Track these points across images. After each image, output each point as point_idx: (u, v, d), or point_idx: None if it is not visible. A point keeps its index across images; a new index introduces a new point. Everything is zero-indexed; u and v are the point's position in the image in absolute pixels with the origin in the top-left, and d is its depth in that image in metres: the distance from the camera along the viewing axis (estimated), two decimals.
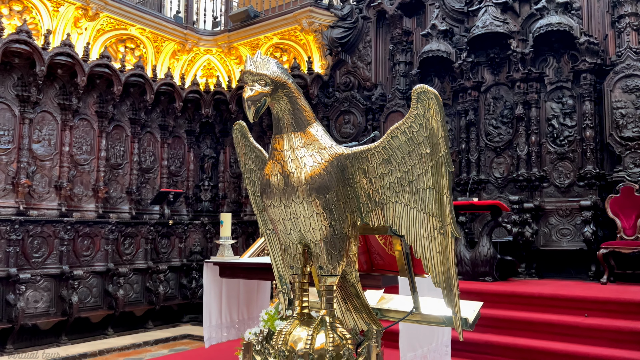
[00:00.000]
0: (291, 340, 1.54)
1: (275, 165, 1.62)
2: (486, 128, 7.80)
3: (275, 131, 1.68)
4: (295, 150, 1.60)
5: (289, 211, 1.61)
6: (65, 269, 7.50)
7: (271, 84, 1.60)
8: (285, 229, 1.66)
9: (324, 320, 1.57)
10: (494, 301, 5.75)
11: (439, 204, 1.58)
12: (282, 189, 1.59)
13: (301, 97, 1.71)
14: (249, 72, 1.59)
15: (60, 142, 8.33)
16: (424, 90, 1.55)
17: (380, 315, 1.96)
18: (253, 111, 1.59)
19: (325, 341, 1.51)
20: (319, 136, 1.66)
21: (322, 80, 9.70)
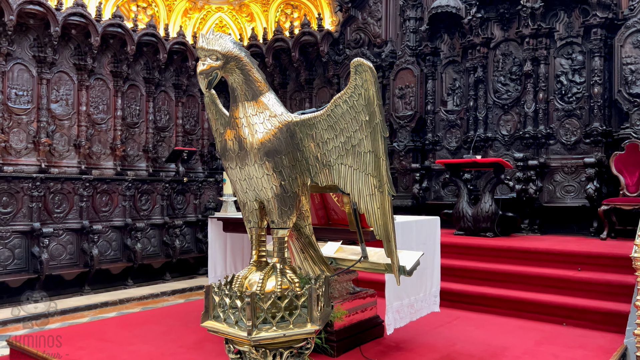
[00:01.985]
0: (247, 283, 1.76)
1: (232, 131, 1.80)
2: (494, 85, 7.77)
3: (232, 100, 1.85)
4: (248, 117, 1.78)
5: (244, 172, 1.80)
6: (86, 224, 7.90)
7: (222, 59, 1.76)
8: (242, 188, 1.85)
9: (275, 266, 1.78)
10: (491, 255, 5.96)
11: (377, 165, 1.76)
12: (237, 153, 1.78)
13: (254, 69, 1.86)
14: (201, 47, 1.76)
15: (77, 102, 8.59)
16: (360, 63, 1.70)
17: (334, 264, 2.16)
18: (205, 83, 1.76)
19: (275, 284, 1.73)
20: (270, 105, 1.82)
21: (332, 37, 9.68)
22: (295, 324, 1.64)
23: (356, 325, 4.05)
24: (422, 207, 8.36)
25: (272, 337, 1.59)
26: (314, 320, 1.63)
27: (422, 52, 8.52)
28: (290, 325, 1.63)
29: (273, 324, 1.61)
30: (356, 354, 3.88)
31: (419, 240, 4.01)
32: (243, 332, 1.58)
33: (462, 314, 5.23)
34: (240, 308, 1.63)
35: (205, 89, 1.77)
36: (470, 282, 5.67)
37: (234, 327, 1.63)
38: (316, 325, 1.64)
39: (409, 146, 8.55)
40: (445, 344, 4.25)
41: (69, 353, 3.89)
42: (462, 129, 8.19)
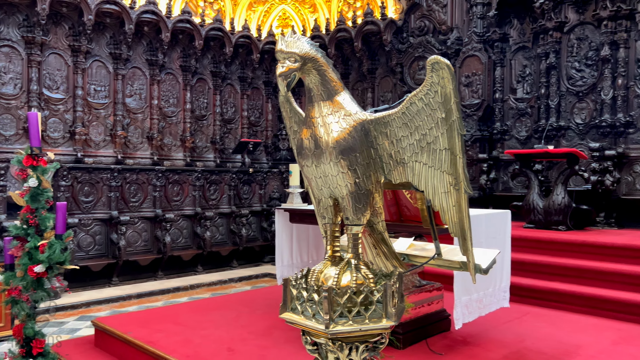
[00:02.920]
0: (323, 278, 1.81)
1: (308, 130, 1.86)
2: (568, 71, 7.40)
3: (308, 100, 1.90)
4: (324, 117, 1.82)
5: (319, 170, 1.85)
6: (159, 213, 8.31)
7: (300, 60, 1.82)
8: (317, 185, 1.90)
9: (350, 262, 1.82)
10: (564, 250, 5.73)
11: (453, 163, 1.75)
12: (313, 151, 1.83)
13: (329, 69, 1.91)
14: (280, 50, 1.82)
15: (149, 96, 9.01)
16: (437, 61, 1.69)
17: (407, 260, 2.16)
18: (285, 85, 1.82)
19: (350, 279, 1.76)
20: (345, 104, 1.86)
21: (395, 25, 9.56)
22: (371, 319, 1.67)
23: (422, 319, 4.04)
24: (490, 198, 8.14)
25: (348, 331, 1.63)
26: (389, 316, 1.66)
27: (489, 38, 8.25)
28: (366, 320, 1.66)
29: (349, 318, 1.65)
30: (422, 347, 3.87)
31: (489, 235, 3.92)
32: (320, 325, 1.64)
33: (532, 309, 5.08)
34: (317, 302, 1.69)
35: (284, 91, 1.84)
36: (541, 277, 5.49)
37: (312, 320, 1.69)
38: (391, 321, 1.66)
39: (476, 136, 8.33)
40: (515, 339, 4.15)
41: (146, 335, 4.13)
42: (532, 117, 7.88)
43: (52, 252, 3.61)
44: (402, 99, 1.82)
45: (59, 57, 7.97)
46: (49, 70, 7.86)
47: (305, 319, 1.71)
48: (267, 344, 3.94)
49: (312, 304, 1.70)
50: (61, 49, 7.98)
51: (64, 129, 8.00)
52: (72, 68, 8.09)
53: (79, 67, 8.11)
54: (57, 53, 7.94)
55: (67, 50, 8.03)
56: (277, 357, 3.69)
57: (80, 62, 8.12)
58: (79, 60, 8.10)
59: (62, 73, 8.01)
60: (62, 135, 7.99)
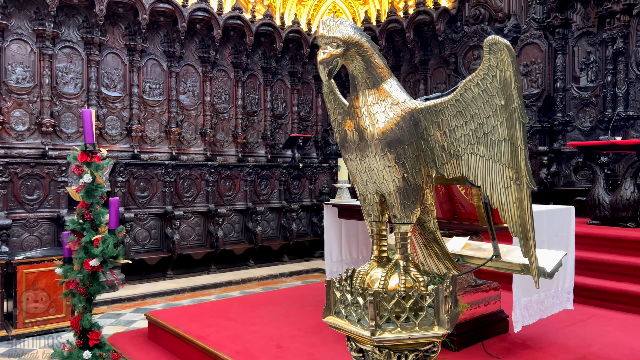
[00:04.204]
0: (369, 280, 1.69)
1: (352, 121, 1.72)
2: (637, 57, 6.89)
3: (352, 89, 1.77)
4: (369, 106, 1.68)
5: (364, 164, 1.71)
6: (211, 207, 8.43)
7: (343, 46, 1.68)
8: (362, 181, 1.77)
9: (398, 263, 1.69)
10: (633, 248, 5.35)
11: (514, 155, 1.57)
12: (357, 144, 1.70)
13: (375, 54, 1.76)
14: (321, 35, 1.69)
15: (202, 93, 9.14)
16: (495, 41, 1.52)
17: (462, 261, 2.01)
18: (326, 72, 1.69)
19: (398, 282, 1.63)
20: (392, 92, 1.71)
21: (449, 14, 9.23)
22: (421, 325, 1.54)
23: (478, 320, 3.85)
24: (551, 193, 7.73)
25: (396, 339, 1.51)
26: (441, 323, 1.52)
27: (550, 24, 7.80)
28: (416, 327, 1.53)
29: (397, 325, 1.53)
30: (478, 349, 3.69)
31: (551, 232, 3.68)
32: (366, 331, 1.52)
33: (599, 312, 4.76)
34: (362, 306, 1.57)
35: (325, 78, 1.72)
36: (608, 277, 5.13)
37: (356, 326, 1.57)
38: (444, 329, 1.53)
39: (535, 127, 7.92)
40: (579, 344, 3.88)
41: (196, 330, 4.16)
42: (597, 107, 7.40)
43: (105, 247, 3.68)
44: (455, 87, 1.66)
45: (116, 57, 8.21)
46: (106, 69, 8.11)
47: (350, 323, 1.60)
48: (316, 342, 3.87)
49: (357, 308, 1.59)
50: (118, 49, 8.21)
51: (121, 126, 8.24)
52: (128, 67, 8.31)
53: (134, 65, 8.32)
54: (114, 52, 8.18)
55: (123, 50, 8.25)
56: (326, 356, 3.61)
57: (136, 60, 8.33)
58: (134, 59, 8.31)
59: (119, 72, 8.25)
60: (120, 132, 8.23)
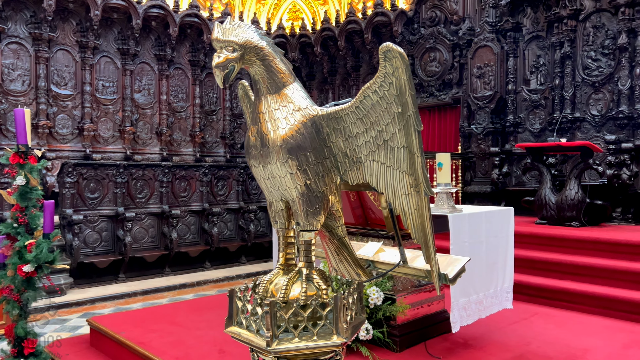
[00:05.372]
0: (273, 288, 1.67)
1: (255, 127, 1.70)
2: (584, 61, 7.10)
3: (255, 94, 1.75)
4: (271, 112, 1.66)
5: (267, 171, 1.69)
6: (165, 209, 8.28)
7: (240, 50, 1.65)
8: (267, 187, 1.75)
9: (301, 271, 1.67)
10: (576, 247, 5.51)
11: (412, 162, 1.58)
12: (260, 150, 1.68)
13: (277, 59, 1.74)
14: (216, 39, 1.65)
15: (158, 91, 8.97)
16: (389, 48, 1.52)
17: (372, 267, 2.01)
18: (222, 77, 1.66)
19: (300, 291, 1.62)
20: (294, 98, 1.70)
21: (406, 16, 9.33)
22: (320, 335, 1.53)
23: (421, 320, 3.89)
24: (502, 193, 7.90)
25: (293, 349, 1.49)
26: (340, 332, 1.52)
27: (502, 28, 7.98)
28: (314, 337, 1.52)
29: (295, 335, 1.51)
30: (421, 349, 3.72)
31: (490, 233, 3.75)
32: (262, 341, 1.50)
33: (541, 309, 4.88)
34: (260, 316, 1.55)
35: (222, 84, 1.69)
36: (552, 275, 5.28)
37: (255, 336, 1.56)
38: (342, 338, 1.52)
39: (488, 129, 8.09)
40: (520, 342, 3.97)
41: (139, 335, 4.07)
42: (546, 109, 7.60)
43: (39, 252, 3.56)
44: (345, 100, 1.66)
45: (66, 54, 7.97)
46: (57, 66, 7.87)
47: (250, 334, 1.58)
48: None
49: (257, 318, 1.57)
50: (69, 45, 7.98)
51: (72, 125, 8.02)
52: (80, 64, 8.09)
53: (86, 63, 8.10)
54: (64, 49, 7.94)
55: (74, 47, 8.03)
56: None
57: (88, 58, 8.11)
58: (86, 56, 8.09)
59: (70, 69, 8.02)
60: (71, 131, 8.01)
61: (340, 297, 1.52)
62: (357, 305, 1.63)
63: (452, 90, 8.83)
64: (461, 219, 3.49)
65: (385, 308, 3.62)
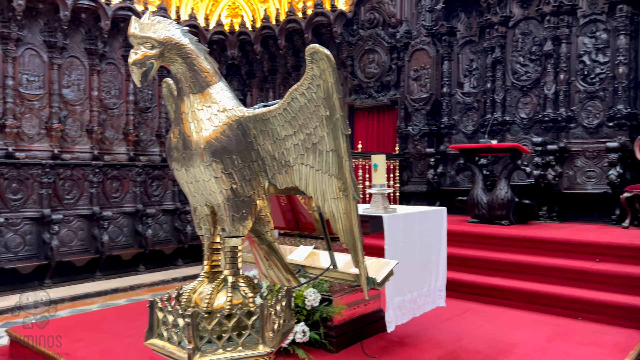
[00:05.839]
0: (197, 297, 1.61)
1: (177, 128, 1.63)
2: (513, 66, 7.42)
3: (178, 93, 1.67)
4: (194, 112, 1.59)
5: (190, 174, 1.63)
6: (96, 210, 7.90)
7: (159, 47, 1.58)
8: (190, 192, 1.68)
9: (227, 279, 1.62)
10: (505, 245, 5.73)
11: (340, 166, 1.57)
12: (182, 152, 1.60)
13: (200, 57, 1.67)
14: (132, 35, 1.57)
15: (89, 87, 8.54)
16: (316, 50, 1.50)
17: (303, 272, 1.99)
18: (139, 75, 1.57)
19: (225, 300, 1.57)
20: (219, 98, 1.64)
21: (345, 17, 9.39)
22: (246, 344, 1.48)
23: (357, 320, 3.91)
24: (437, 193, 8.13)
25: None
26: (266, 341, 1.47)
27: (437, 32, 8.20)
28: (239, 347, 1.47)
29: (219, 346, 1.46)
30: (357, 349, 3.74)
31: (423, 233, 3.82)
32: (184, 354, 1.44)
33: (473, 306, 5.05)
34: (182, 328, 1.49)
35: (139, 82, 1.60)
36: (483, 272, 5.47)
37: (177, 348, 1.48)
38: (269, 347, 1.48)
39: (424, 130, 8.29)
40: (452, 339, 4.08)
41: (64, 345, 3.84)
42: (479, 112, 7.89)
43: None
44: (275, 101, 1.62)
45: None
46: None
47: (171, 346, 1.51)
48: None
49: (178, 330, 1.50)
50: None
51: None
52: (1, 56, 7.56)
53: (9, 55, 7.58)
54: None
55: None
56: None
57: (11, 50, 7.59)
58: (8, 49, 7.57)
59: None
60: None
61: (267, 305, 1.47)
62: (285, 312, 1.59)
63: (391, 92, 8.98)
64: (396, 219, 3.54)
65: (322, 309, 3.61)
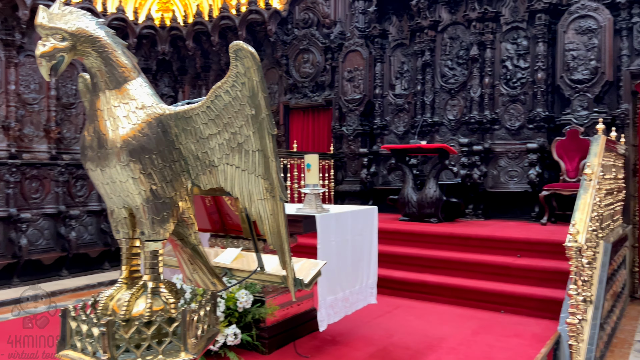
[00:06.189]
0: (114, 304, 1.53)
1: (92, 125, 1.54)
2: (442, 69, 7.68)
3: (93, 89, 1.59)
4: (111, 109, 1.51)
5: (106, 175, 1.55)
6: (13, 212, 7.38)
7: (70, 39, 1.49)
8: (107, 193, 1.60)
9: (146, 285, 1.56)
10: (434, 242, 5.92)
11: (267, 167, 1.55)
12: (97, 151, 1.52)
13: (117, 52, 1.60)
14: (40, 25, 1.47)
15: (5, 81, 7.96)
16: (240, 47, 1.47)
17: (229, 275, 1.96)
18: (47, 69, 1.48)
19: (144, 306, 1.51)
20: (137, 94, 1.57)
21: (280, 16, 9.35)
22: (166, 352, 1.42)
23: (291, 320, 3.90)
24: (370, 192, 8.28)
25: None
26: (188, 348, 1.43)
27: (370, 34, 8.34)
28: (160, 355, 1.41)
29: (137, 355, 1.39)
30: (290, 350, 3.73)
31: (355, 232, 3.87)
32: None
33: (404, 302, 5.18)
34: (97, 337, 1.41)
35: (47, 75, 1.50)
36: (413, 269, 5.62)
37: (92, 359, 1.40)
38: (191, 354, 1.43)
39: (358, 130, 8.41)
40: (383, 335, 4.16)
41: None
42: (409, 113, 8.10)
43: None
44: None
45: None
46: None
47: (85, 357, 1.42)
48: None
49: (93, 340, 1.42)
50: None
51: None
52: None
53: None
54: None
55: None
56: None
57: None
58: None
59: None
60: None
61: (189, 311, 1.42)
62: (210, 317, 1.54)
63: (325, 92, 9.04)
64: (328, 218, 3.55)
65: (254, 311, 3.57)
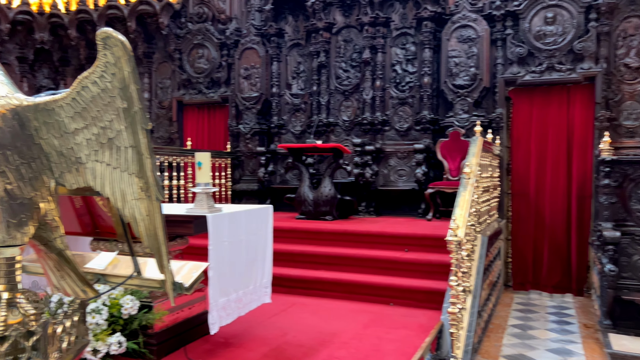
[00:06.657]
0: None
1: None
2: (336, 71, 7.86)
3: None
4: None
5: None
6: None
7: None
8: None
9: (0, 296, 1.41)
10: (329, 239, 6.03)
11: (141, 164, 1.47)
12: None
13: None
14: None
15: None
16: (108, 35, 1.38)
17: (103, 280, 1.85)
18: None
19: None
20: None
21: (173, 8, 9.00)
22: None
23: (181, 324, 3.76)
24: (268, 191, 8.25)
25: None
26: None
27: (267, 32, 8.31)
28: None
29: None
30: (181, 355, 3.60)
31: (249, 231, 3.81)
32: None
33: (299, 300, 5.21)
34: None
35: None
36: (309, 267, 5.68)
37: None
38: None
39: (255, 129, 8.35)
40: (277, 334, 4.14)
41: None
42: (306, 113, 8.19)
43: None
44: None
45: None
46: None
47: None
48: None
49: None
50: None
51: None
52: None
53: None
54: None
55: None
56: None
57: None
58: None
59: None
60: None
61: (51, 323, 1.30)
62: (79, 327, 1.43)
63: (221, 89, 8.86)
64: (221, 218, 3.47)
65: (141, 317, 3.39)
